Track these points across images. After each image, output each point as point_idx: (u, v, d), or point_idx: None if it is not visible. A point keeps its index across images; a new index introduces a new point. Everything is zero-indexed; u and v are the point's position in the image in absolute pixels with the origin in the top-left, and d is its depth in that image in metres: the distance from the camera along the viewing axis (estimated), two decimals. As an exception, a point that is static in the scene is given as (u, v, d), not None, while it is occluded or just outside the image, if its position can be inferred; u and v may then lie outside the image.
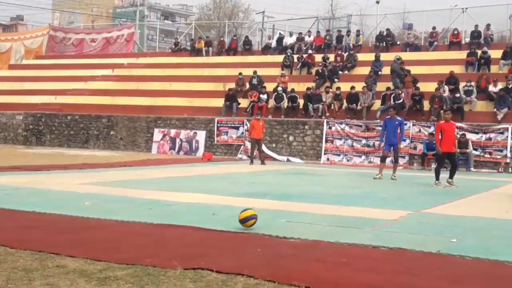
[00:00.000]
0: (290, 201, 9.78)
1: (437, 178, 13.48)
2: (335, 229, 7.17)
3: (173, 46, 34.99)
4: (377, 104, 22.52)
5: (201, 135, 24.21)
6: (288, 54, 28.18)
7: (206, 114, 24.81)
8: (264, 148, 21.32)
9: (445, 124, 13.61)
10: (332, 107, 22.93)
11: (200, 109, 25.38)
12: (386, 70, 24.98)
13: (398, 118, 15.88)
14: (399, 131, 15.41)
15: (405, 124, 16.49)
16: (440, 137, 13.59)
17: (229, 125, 23.83)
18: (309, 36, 30.73)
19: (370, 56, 26.48)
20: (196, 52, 32.24)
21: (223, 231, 6.76)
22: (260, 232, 6.69)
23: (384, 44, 28.28)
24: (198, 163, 19.72)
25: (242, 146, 23.24)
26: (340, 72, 25.96)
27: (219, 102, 24.96)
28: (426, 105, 21.44)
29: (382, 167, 15.50)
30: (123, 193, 10.24)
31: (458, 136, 18.82)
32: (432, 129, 19.54)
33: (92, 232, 6.62)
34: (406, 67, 23.82)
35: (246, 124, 22.76)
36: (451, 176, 13.49)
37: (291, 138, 22.80)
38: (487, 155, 19.73)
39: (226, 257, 5.49)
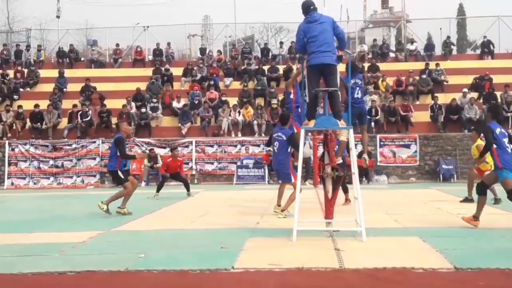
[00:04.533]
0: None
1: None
2: (18, 259, 6.63)
3: None
4: (64, 122, 21.80)
5: None
6: (-44, 70, 25.41)
7: None
8: None
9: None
10: (14, 127, 21.47)
11: None
12: (71, 87, 24.41)
13: None
14: None
15: None
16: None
17: None
18: (-17, 50, 28.14)
19: (54, 73, 25.51)
20: None
21: None
22: None
23: (68, 60, 27.53)
24: None
25: None
26: (21, 90, 24.43)
27: None
28: (114, 121, 21.53)
29: None
30: None
31: (147, 151, 19.52)
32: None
33: None
34: (93, 84, 23.60)
35: None
36: None
37: (-35, 163, 20.52)
38: (175, 168, 20.67)
39: None
